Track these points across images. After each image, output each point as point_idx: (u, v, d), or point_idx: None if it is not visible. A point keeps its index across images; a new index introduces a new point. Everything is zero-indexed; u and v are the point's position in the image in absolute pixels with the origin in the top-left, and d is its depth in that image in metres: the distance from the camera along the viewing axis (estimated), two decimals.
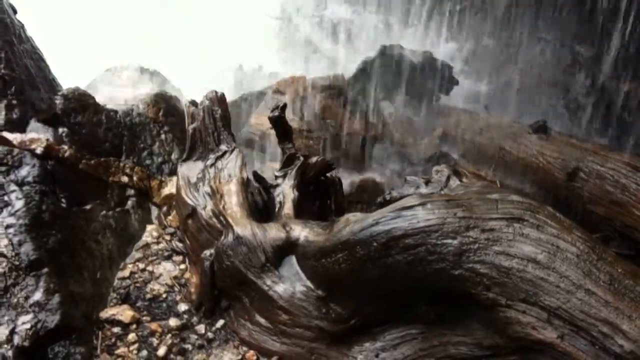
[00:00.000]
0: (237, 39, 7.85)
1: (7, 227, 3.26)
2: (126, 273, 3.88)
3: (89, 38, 6.97)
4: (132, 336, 3.37)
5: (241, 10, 8.32)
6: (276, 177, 4.20)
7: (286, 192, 4.05)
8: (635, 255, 4.30)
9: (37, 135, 3.98)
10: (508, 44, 7.82)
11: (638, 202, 4.42)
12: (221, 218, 3.75)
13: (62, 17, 6.98)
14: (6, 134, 3.83)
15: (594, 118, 6.73)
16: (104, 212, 4.08)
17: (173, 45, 7.31)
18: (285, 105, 4.26)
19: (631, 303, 2.40)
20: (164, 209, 4.51)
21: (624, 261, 2.64)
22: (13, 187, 3.48)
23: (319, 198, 4.33)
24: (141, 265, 3.98)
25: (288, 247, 3.45)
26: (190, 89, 5.67)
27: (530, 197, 2.95)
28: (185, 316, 3.62)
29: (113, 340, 3.34)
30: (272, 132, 4.53)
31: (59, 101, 4.29)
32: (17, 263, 3.16)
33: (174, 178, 4.44)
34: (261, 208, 4.03)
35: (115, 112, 4.71)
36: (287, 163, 4.22)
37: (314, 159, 4.24)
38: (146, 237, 4.26)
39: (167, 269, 3.98)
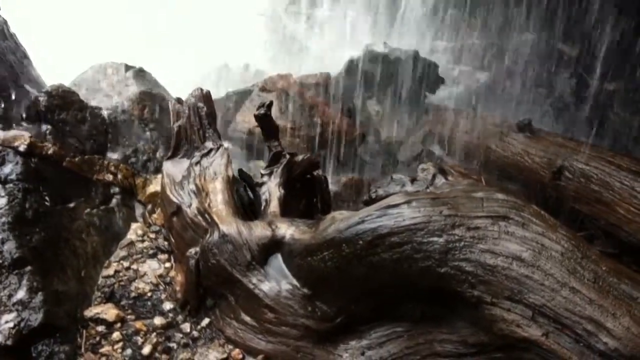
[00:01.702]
0: (225, 36, 7.83)
1: None
2: (111, 271, 3.86)
3: (76, 36, 6.93)
4: (116, 335, 3.35)
5: (229, 7, 8.29)
6: (262, 175, 4.18)
7: (272, 190, 4.03)
8: (620, 253, 4.32)
9: (20, 132, 3.95)
10: (494, 43, 7.87)
11: (622, 200, 4.44)
12: (206, 216, 3.73)
13: (47, 15, 6.94)
14: None
15: (579, 117, 6.78)
16: (88, 210, 4.05)
17: (159, 43, 7.27)
18: (271, 103, 4.25)
19: (615, 301, 2.41)
20: (149, 207, 4.48)
21: (608, 259, 2.65)
22: None
23: (305, 196, 4.32)
24: (126, 264, 3.95)
25: (274, 245, 3.43)
26: (176, 87, 5.65)
27: (516, 196, 2.95)
28: (170, 315, 3.60)
29: (97, 339, 3.31)
30: (259, 130, 4.52)
31: (42, 98, 4.25)
32: None
33: (159, 176, 4.42)
34: (247, 206, 4.01)
35: (100, 109, 4.69)
36: (273, 161, 4.20)
37: (300, 157, 4.23)
38: (131, 235, 4.23)
39: (152, 267, 3.96)
